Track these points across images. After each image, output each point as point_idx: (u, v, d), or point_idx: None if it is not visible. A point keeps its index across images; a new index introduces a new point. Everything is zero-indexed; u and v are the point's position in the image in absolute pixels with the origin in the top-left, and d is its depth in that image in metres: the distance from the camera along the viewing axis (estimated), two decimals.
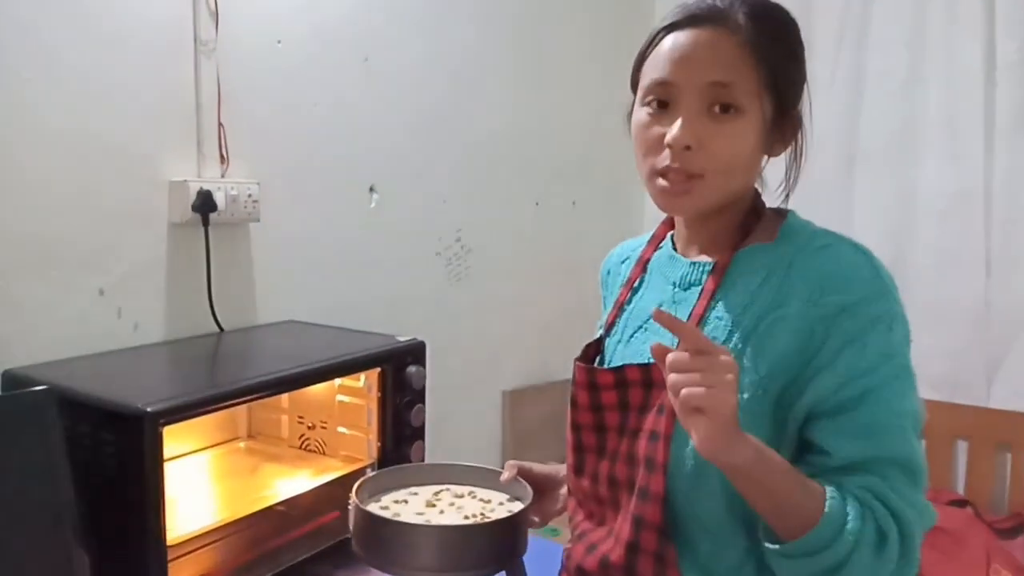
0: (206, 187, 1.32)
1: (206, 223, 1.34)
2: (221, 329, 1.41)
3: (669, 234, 0.92)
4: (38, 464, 0.85)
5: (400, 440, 1.32)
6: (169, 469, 1.30)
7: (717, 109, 0.77)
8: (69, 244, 1.20)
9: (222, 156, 1.38)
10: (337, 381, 1.35)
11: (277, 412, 1.44)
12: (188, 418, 1.00)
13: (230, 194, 1.37)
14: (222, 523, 1.13)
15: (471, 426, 2.07)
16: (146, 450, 0.94)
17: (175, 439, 1.34)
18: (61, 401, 1.03)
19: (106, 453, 0.98)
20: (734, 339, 0.78)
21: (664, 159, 0.78)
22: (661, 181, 0.79)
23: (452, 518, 0.94)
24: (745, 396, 0.75)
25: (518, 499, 0.99)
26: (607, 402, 0.85)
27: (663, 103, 0.79)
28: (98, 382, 1.08)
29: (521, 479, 0.99)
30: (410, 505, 0.97)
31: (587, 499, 0.88)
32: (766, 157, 0.83)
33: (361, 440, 1.33)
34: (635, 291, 0.92)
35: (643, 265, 0.92)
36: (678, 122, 0.77)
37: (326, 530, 1.27)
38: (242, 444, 1.45)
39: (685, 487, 0.78)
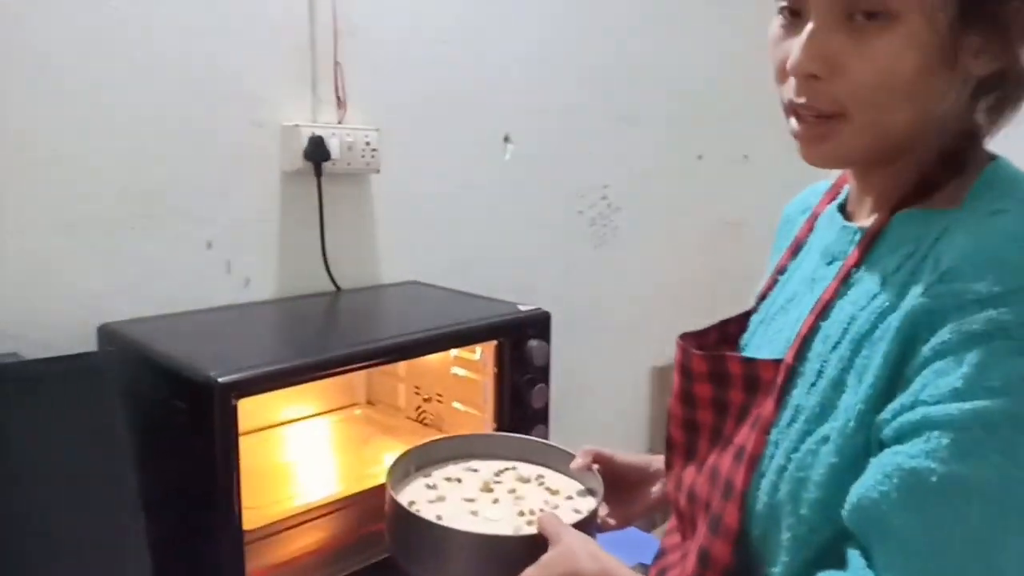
0: (319, 133, 1.21)
1: (319, 172, 1.23)
2: (337, 288, 1.31)
3: (847, 185, 0.69)
4: (93, 432, 0.77)
5: (519, 422, 1.16)
6: (280, 435, 1.25)
7: (860, 16, 0.54)
8: (174, 192, 1.13)
9: (338, 99, 1.26)
10: (452, 352, 1.21)
11: (394, 380, 1.32)
12: (266, 390, 0.89)
13: (346, 141, 1.25)
14: (315, 505, 1.03)
15: (613, 408, 1.89)
16: (216, 425, 0.84)
17: (290, 402, 1.27)
18: (140, 363, 0.96)
19: (177, 424, 0.89)
20: (840, 350, 0.58)
21: (790, 90, 0.58)
22: (793, 122, 0.59)
23: (505, 511, 0.79)
24: (835, 439, 0.56)
25: (591, 493, 0.83)
26: (700, 396, 0.68)
27: (795, 10, 0.58)
28: (188, 343, 1.01)
29: (595, 470, 0.83)
30: (463, 486, 0.83)
31: (674, 506, 0.73)
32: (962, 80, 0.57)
33: (476, 419, 1.19)
34: (796, 256, 0.70)
35: (812, 222, 0.70)
36: (801, 37, 0.56)
37: None
38: (359, 411, 1.36)
39: (758, 528, 0.60)
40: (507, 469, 0.88)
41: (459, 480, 0.84)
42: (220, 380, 0.84)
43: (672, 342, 0.73)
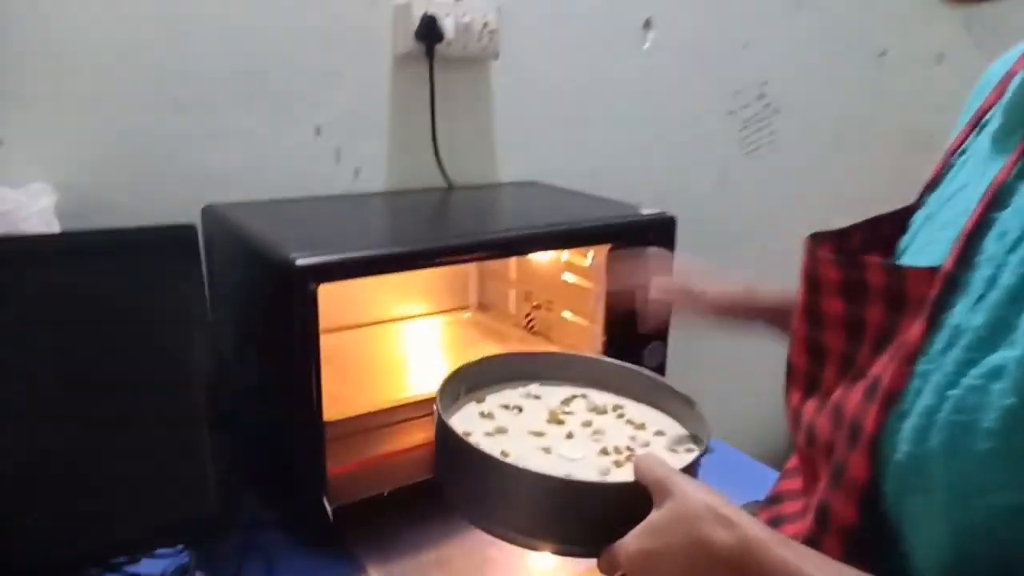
0: (432, 12, 1.11)
1: (431, 55, 1.14)
2: (449, 185, 1.23)
3: None
4: (171, 310, 0.74)
5: (633, 338, 1.05)
6: (384, 331, 1.22)
7: None
8: (282, 73, 1.08)
9: None
10: (564, 256, 1.10)
11: (505, 284, 1.25)
12: (349, 277, 0.84)
13: (461, 21, 1.14)
14: (407, 402, 0.98)
15: (751, 342, 1.71)
16: (295, 311, 0.79)
17: (397, 298, 1.23)
18: (235, 245, 0.94)
19: (261, 309, 0.86)
20: (1021, 250, 0.43)
21: None
22: None
23: (585, 448, 0.66)
24: (1013, 371, 0.41)
25: (691, 436, 0.68)
26: (829, 313, 0.55)
27: None
28: (283, 227, 0.97)
29: (698, 409, 0.68)
30: (524, 416, 0.70)
31: (795, 446, 0.59)
32: None
33: (585, 330, 1.09)
34: (979, 130, 0.53)
35: (1005, 85, 0.52)
36: None
37: None
38: (468, 315, 1.30)
39: (894, 486, 0.46)
40: (577, 396, 0.75)
41: (519, 409, 0.72)
42: (298, 263, 0.79)
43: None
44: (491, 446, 0.63)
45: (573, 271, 1.10)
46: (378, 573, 0.83)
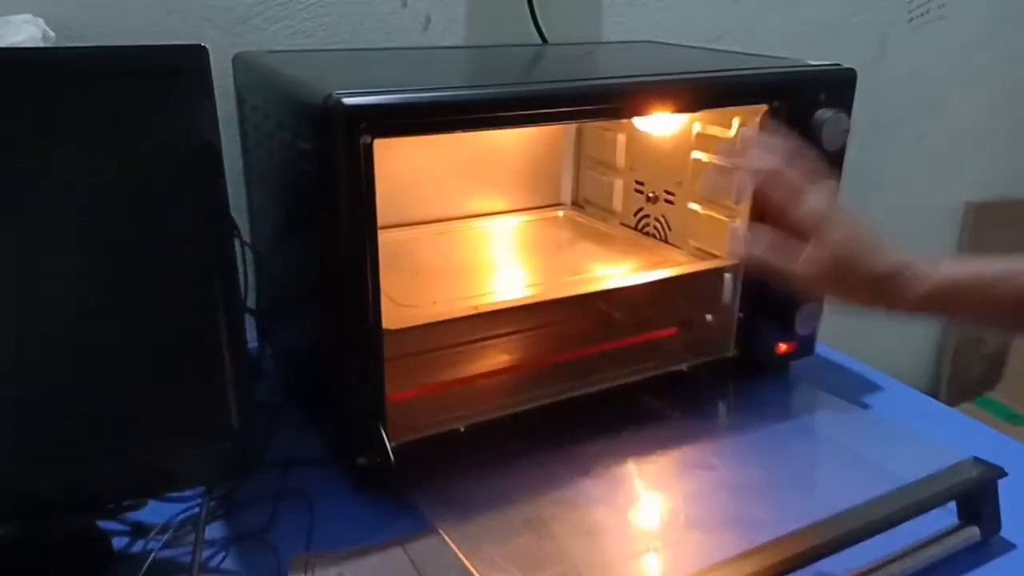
0: None
1: None
2: (544, 41, 0.97)
3: None
4: (180, 147, 0.51)
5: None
6: (456, 229, 0.98)
7: None
8: None
9: None
10: (695, 127, 0.84)
11: (610, 174, 0.99)
12: (408, 130, 0.59)
13: None
14: (488, 308, 0.75)
15: (909, 249, 1.42)
16: (338, 168, 0.56)
17: (474, 192, 0.99)
18: (268, 95, 0.71)
19: (300, 179, 0.63)
20: None
21: None
22: None
23: None
24: None
25: None
26: None
27: None
28: (329, 74, 0.73)
29: None
30: None
31: None
32: None
33: (722, 226, 0.83)
34: None
35: None
36: None
37: (655, 350, 0.83)
38: (561, 213, 1.05)
39: None
40: None
41: None
42: (345, 102, 0.55)
43: (990, 173, 0.33)
44: None
45: (707, 147, 0.83)
46: (449, 533, 0.61)
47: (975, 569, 0.59)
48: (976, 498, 0.60)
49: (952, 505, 0.61)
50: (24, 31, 0.72)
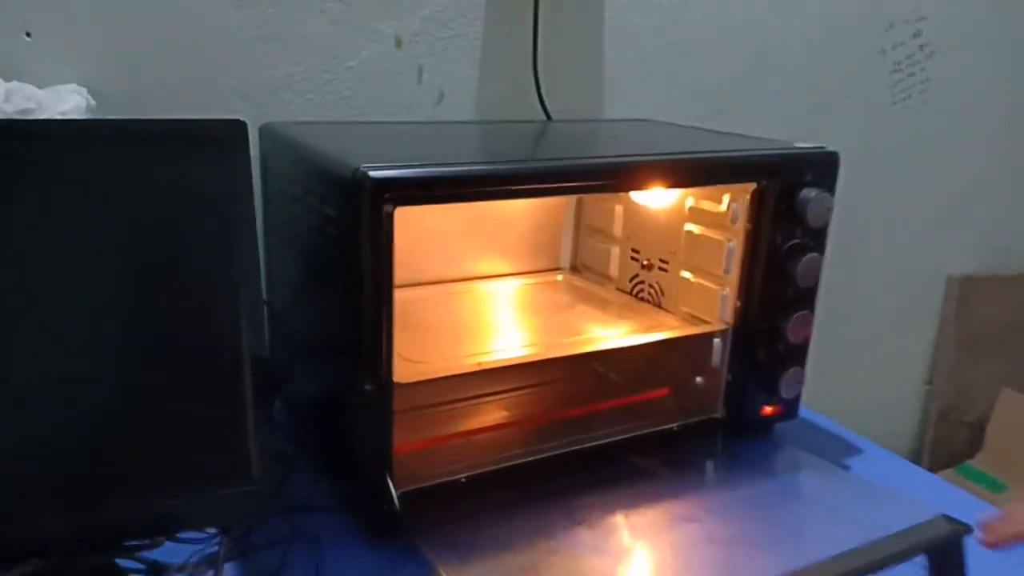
0: None
1: None
2: (549, 118, 1.04)
3: None
4: (215, 214, 0.57)
5: (774, 303, 0.84)
6: (460, 291, 1.03)
7: None
8: None
9: None
10: (688, 201, 0.90)
11: (607, 241, 1.05)
12: (433, 200, 0.65)
13: None
14: (487, 366, 0.79)
15: (892, 321, 1.48)
16: (362, 234, 0.61)
17: (476, 256, 1.04)
18: (294, 165, 0.77)
19: (321, 241, 0.69)
20: None
21: None
22: None
23: None
24: None
25: None
26: None
27: None
28: (352, 145, 0.79)
29: None
30: None
31: None
32: None
33: (712, 294, 0.88)
34: None
35: None
36: None
37: (647, 410, 0.88)
38: (560, 277, 1.10)
39: None
40: None
41: None
42: (372, 175, 0.61)
43: (974, 248, 0.39)
44: None
45: (699, 220, 0.89)
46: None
47: None
48: (944, 553, 0.64)
49: (923, 560, 0.65)
50: (71, 100, 0.79)
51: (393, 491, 0.67)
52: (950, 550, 0.65)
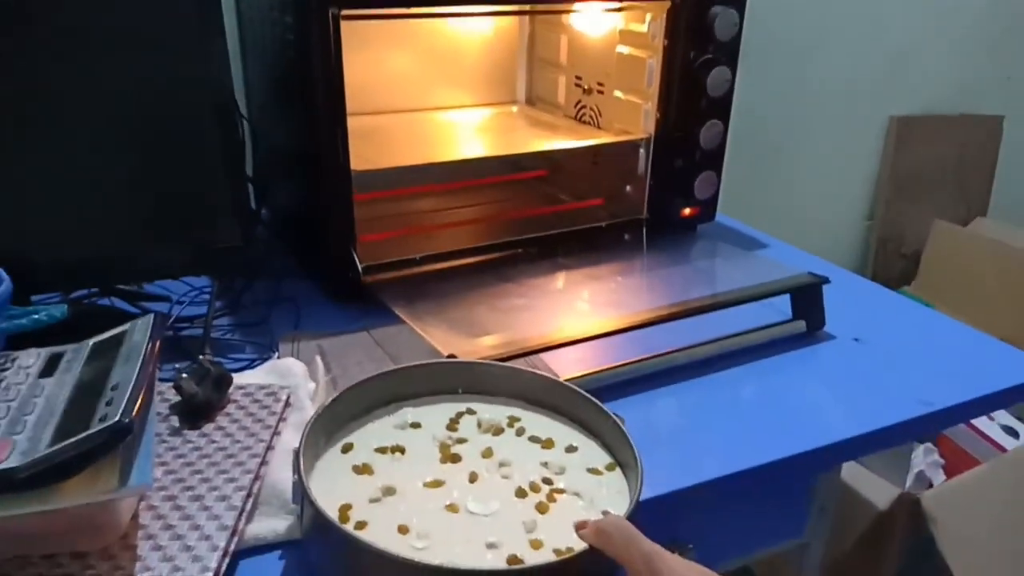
0: None
1: None
2: None
3: None
4: (192, 36, 0.69)
5: (688, 114, 0.96)
6: (419, 117, 1.15)
7: None
8: None
9: None
10: (619, 24, 1.01)
11: (554, 70, 1.16)
12: (375, 2, 0.77)
13: None
14: (442, 160, 0.93)
15: (839, 160, 1.60)
16: (313, 42, 0.73)
17: (437, 87, 1.16)
18: None
19: (280, 53, 0.81)
20: None
21: None
22: None
23: (493, 497, 0.52)
24: None
25: (621, 465, 0.56)
26: None
27: None
28: None
29: (621, 424, 0.56)
30: (408, 460, 0.55)
31: None
32: None
33: (638, 109, 1.00)
34: None
35: None
36: None
37: (584, 217, 1.01)
38: (515, 108, 1.22)
39: None
40: (461, 414, 0.60)
41: (400, 450, 0.56)
42: None
43: (916, 90, 0.49)
44: (388, 526, 0.48)
45: (628, 42, 1.00)
46: (405, 317, 0.78)
47: (799, 349, 0.79)
48: (803, 294, 0.79)
49: (787, 306, 0.80)
50: None
51: (357, 261, 0.82)
52: (809, 292, 0.80)
